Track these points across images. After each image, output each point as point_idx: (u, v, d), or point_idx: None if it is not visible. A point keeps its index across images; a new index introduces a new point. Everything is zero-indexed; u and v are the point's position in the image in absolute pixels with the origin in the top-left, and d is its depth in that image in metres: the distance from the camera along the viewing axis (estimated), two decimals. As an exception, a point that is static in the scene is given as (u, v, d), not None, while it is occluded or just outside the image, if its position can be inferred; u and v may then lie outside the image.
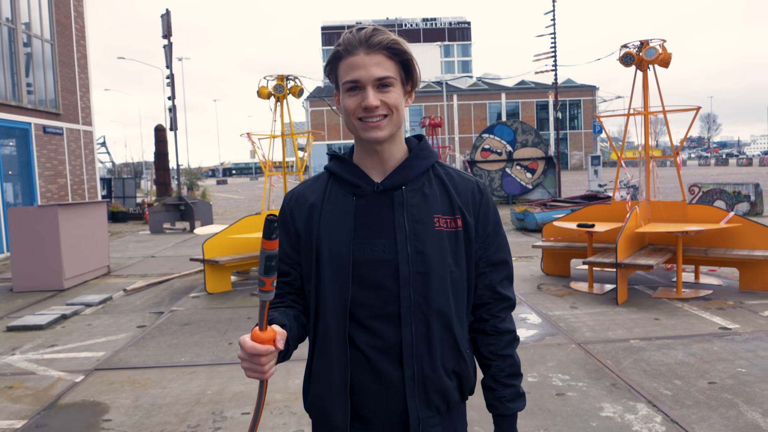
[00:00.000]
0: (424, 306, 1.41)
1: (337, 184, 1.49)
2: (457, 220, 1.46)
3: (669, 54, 7.23)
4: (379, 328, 1.41)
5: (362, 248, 1.41)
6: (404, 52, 1.41)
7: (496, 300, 1.54)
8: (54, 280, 8.69)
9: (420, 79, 1.48)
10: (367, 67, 1.37)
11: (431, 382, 1.43)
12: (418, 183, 1.46)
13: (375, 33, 1.39)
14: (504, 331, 1.54)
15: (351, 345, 1.42)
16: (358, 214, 1.43)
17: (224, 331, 6.18)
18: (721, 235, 7.31)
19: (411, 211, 1.42)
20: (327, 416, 1.46)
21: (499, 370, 1.53)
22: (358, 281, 1.41)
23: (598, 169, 22.80)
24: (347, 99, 1.41)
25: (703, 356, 4.87)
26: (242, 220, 8.63)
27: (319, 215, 1.46)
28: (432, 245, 1.42)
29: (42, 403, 4.44)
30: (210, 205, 18.09)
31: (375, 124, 1.39)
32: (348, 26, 9.61)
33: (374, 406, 1.44)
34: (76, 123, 16.00)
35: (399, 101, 1.42)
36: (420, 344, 1.41)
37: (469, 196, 1.49)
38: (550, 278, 8.33)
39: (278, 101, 8.89)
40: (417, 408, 1.42)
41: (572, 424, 3.71)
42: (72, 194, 15.51)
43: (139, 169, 48.81)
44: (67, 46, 15.70)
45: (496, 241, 1.54)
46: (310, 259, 1.46)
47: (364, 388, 1.43)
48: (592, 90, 61.64)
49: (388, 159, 1.46)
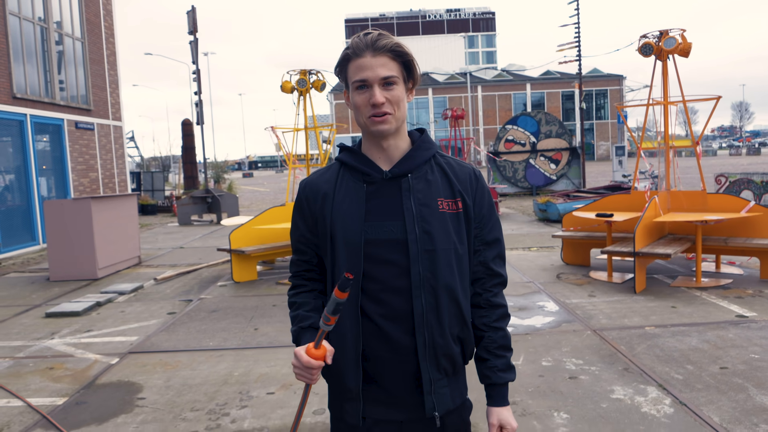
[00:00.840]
0: (432, 280, 1.58)
1: (348, 172, 1.67)
2: (458, 203, 1.64)
3: (689, 44, 7.22)
4: (390, 300, 1.58)
5: (374, 229, 1.59)
6: (406, 54, 1.60)
7: (489, 276, 1.71)
8: (88, 270, 9.05)
9: (419, 78, 1.65)
10: (373, 67, 1.55)
11: (440, 347, 1.60)
12: (422, 171, 1.64)
13: (380, 37, 1.57)
14: (496, 305, 1.70)
15: (363, 316, 1.60)
16: (369, 198, 1.61)
17: (250, 318, 6.42)
18: (742, 224, 7.31)
19: (417, 196, 1.60)
20: (342, 381, 1.64)
21: (491, 341, 1.69)
22: (370, 258, 1.58)
23: (623, 160, 22.59)
24: (357, 96, 1.59)
25: (717, 343, 4.94)
26: (267, 211, 8.87)
27: (332, 201, 1.64)
28: (437, 225, 1.59)
29: (81, 382, 4.72)
30: (236, 197, 18.45)
31: (381, 119, 1.57)
32: (372, 18, 9.95)
33: (385, 370, 1.61)
34: (107, 118, 16.46)
35: (402, 97, 1.60)
36: (429, 314, 1.58)
37: (467, 181, 1.67)
38: (570, 267, 8.41)
39: (301, 95, 9.09)
40: (429, 371, 1.59)
41: (583, 405, 3.84)
42: (103, 188, 15.98)
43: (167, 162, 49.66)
44: (97, 43, 16.14)
45: (490, 222, 1.70)
46: (326, 240, 1.65)
47: (376, 355, 1.60)
48: (619, 79, 60.73)
49: (394, 150, 1.64)
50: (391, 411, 1.64)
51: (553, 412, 3.77)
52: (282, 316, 6.42)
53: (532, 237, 11.52)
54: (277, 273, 9.01)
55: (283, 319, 6.30)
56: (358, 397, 1.63)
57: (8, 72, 12.32)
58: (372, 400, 1.64)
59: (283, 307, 6.81)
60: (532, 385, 4.21)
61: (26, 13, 13.21)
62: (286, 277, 8.59)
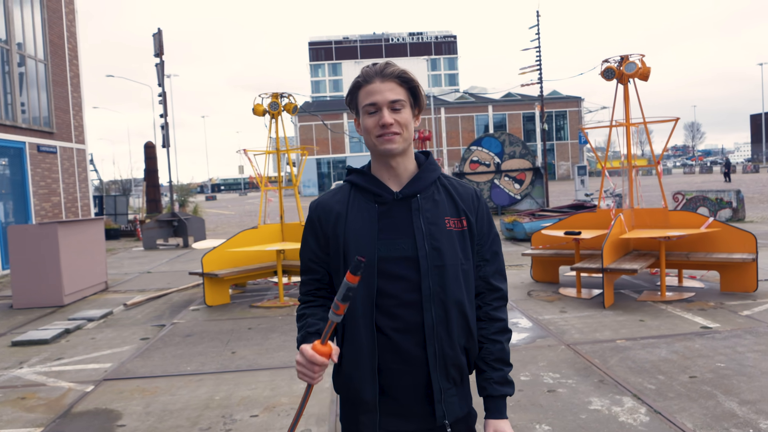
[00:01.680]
0: (442, 294, 1.67)
1: (359, 193, 1.75)
2: (463, 221, 1.74)
3: (648, 68, 7.58)
4: (403, 314, 1.66)
5: (386, 247, 1.67)
6: (412, 80, 1.72)
7: (489, 290, 1.80)
8: (54, 297, 8.83)
9: (425, 104, 1.76)
10: (382, 92, 1.67)
11: (450, 358, 1.68)
12: (429, 191, 1.74)
13: (387, 66, 1.70)
14: (495, 319, 1.79)
15: (377, 331, 1.67)
16: (381, 218, 1.70)
17: (227, 342, 6.37)
18: (702, 239, 7.63)
19: (426, 215, 1.70)
20: (358, 394, 1.70)
21: (489, 353, 1.77)
22: (383, 274, 1.66)
23: (585, 179, 23.23)
24: (367, 119, 1.70)
25: (685, 353, 5.14)
26: (239, 234, 8.84)
27: (344, 221, 1.72)
28: (445, 242, 1.69)
29: (56, 411, 4.61)
30: (203, 220, 18.25)
31: (390, 138, 1.68)
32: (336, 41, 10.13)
33: (398, 382, 1.68)
34: (69, 141, 16.15)
35: (409, 120, 1.71)
36: (439, 326, 1.66)
37: (469, 201, 1.77)
38: (540, 285, 8.60)
39: (273, 118, 9.15)
40: (439, 380, 1.67)
41: (563, 417, 3.96)
42: (66, 212, 15.62)
43: (127, 186, 48.63)
44: (60, 65, 15.90)
45: (490, 239, 1.81)
46: (338, 258, 1.72)
47: (389, 368, 1.67)
48: (578, 101, 62.55)
49: (402, 171, 1.74)
50: (403, 422, 1.70)
51: (534, 424, 3.87)
52: (259, 339, 6.40)
53: (501, 255, 11.71)
54: (249, 296, 8.95)
55: (261, 342, 6.27)
56: (374, 408, 1.69)
57: (-32, 95, 12.03)
58: (385, 412, 1.70)
59: (259, 330, 6.79)
60: (513, 400, 4.30)
61: (-13, 35, 12.96)
62: (260, 300, 8.55)
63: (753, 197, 23.00)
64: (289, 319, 7.31)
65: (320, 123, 59.43)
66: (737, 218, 15.21)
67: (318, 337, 1.65)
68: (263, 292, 9.25)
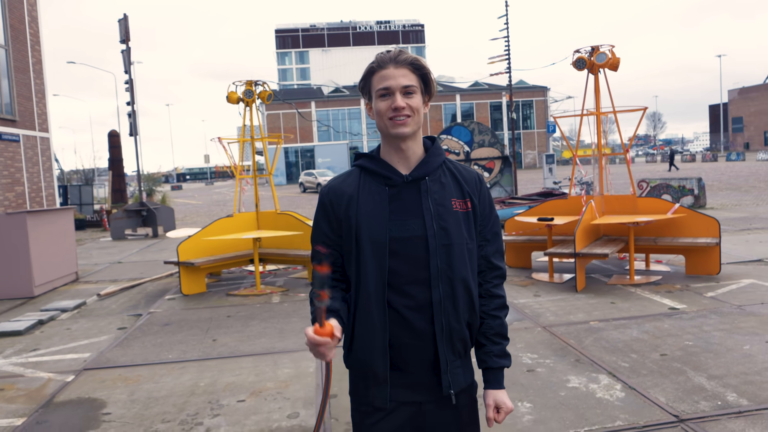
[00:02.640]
0: (449, 271, 1.76)
1: (369, 177, 1.83)
2: (467, 203, 1.84)
3: (618, 59, 7.79)
4: (413, 291, 1.75)
5: (397, 227, 1.75)
6: (423, 67, 1.79)
7: (489, 269, 1.90)
8: (24, 288, 8.66)
9: (436, 92, 1.84)
10: (396, 77, 1.75)
11: (456, 332, 1.78)
12: (437, 174, 1.83)
13: (401, 53, 1.77)
14: (495, 295, 1.90)
15: (389, 308, 1.76)
16: (392, 200, 1.78)
17: (206, 329, 6.37)
18: (669, 225, 7.91)
19: (434, 197, 1.78)
20: (371, 369, 1.78)
21: (489, 328, 1.87)
22: (394, 254, 1.75)
23: (553, 167, 23.64)
24: (380, 103, 1.77)
25: (655, 333, 5.37)
26: (215, 222, 8.79)
27: (356, 204, 1.79)
28: (452, 223, 1.78)
29: (37, 402, 4.57)
30: (172, 210, 18.00)
31: (402, 121, 1.75)
32: (303, 29, 10.15)
33: (408, 355, 1.77)
34: (33, 129, 15.71)
35: (420, 105, 1.79)
36: (446, 302, 1.76)
37: (473, 184, 1.87)
38: (514, 270, 8.80)
39: (247, 106, 9.09)
40: (445, 353, 1.77)
41: (543, 395, 4.11)
42: (30, 202, 15.23)
43: (90, 176, 47.43)
44: (22, 51, 15.42)
45: (491, 220, 1.91)
46: (351, 240, 1.79)
47: (400, 342, 1.76)
48: (544, 91, 63.36)
49: (411, 155, 1.82)
50: (411, 393, 1.80)
51: (517, 402, 4.02)
52: (239, 327, 6.42)
53: (473, 242, 11.91)
54: (226, 285, 8.93)
55: (241, 330, 6.29)
56: (386, 381, 1.77)
57: (-75, 81, 11.59)
58: (395, 385, 1.79)
59: (239, 318, 6.80)
60: (494, 380, 4.44)
61: (-56, 19, 12.49)
62: (236, 288, 8.54)
63: (712, 185, 23.79)
64: (267, 306, 7.33)
65: (288, 112, 58.90)
66: (699, 205, 15.74)
67: (328, 313, 1.73)
68: (239, 280, 9.23)
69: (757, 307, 6.05)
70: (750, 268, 7.91)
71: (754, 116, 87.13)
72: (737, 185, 23.60)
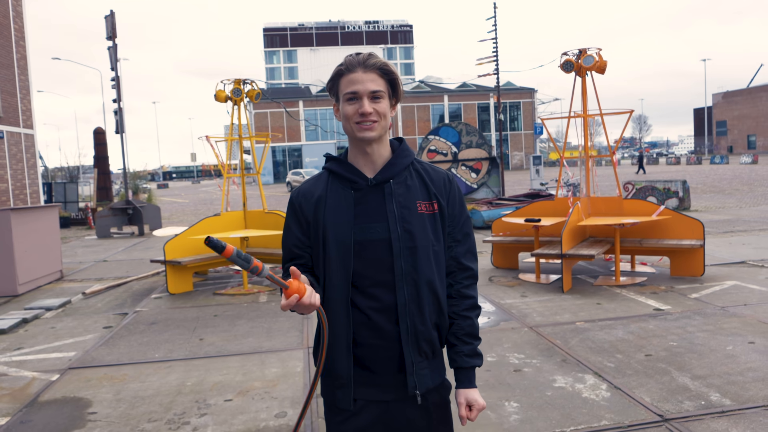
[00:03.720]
0: (414, 274, 1.78)
1: (336, 180, 1.85)
2: (434, 204, 1.85)
3: (605, 62, 7.86)
4: (378, 294, 1.78)
5: (362, 231, 1.78)
6: (392, 72, 1.81)
7: (460, 269, 1.90)
8: (7, 286, 8.55)
9: (402, 95, 1.87)
10: (364, 82, 1.76)
11: (421, 333, 1.80)
12: (402, 176, 1.84)
13: (370, 57, 1.79)
14: (466, 296, 1.90)
15: (354, 308, 1.78)
16: (357, 203, 1.80)
17: (193, 329, 6.34)
18: (654, 227, 8.00)
19: (398, 200, 1.80)
20: (334, 368, 1.81)
21: (459, 328, 1.88)
22: (359, 256, 1.77)
23: (540, 169, 23.78)
24: (347, 107, 1.78)
25: (640, 333, 5.43)
26: (202, 221, 8.75)
27: (324, 207, 1.81)
28: (417, 225, 1.80)
29: (21, 401, 4.53)
30: (158, 208, 17.87)
31: (369, 126, 1.77)
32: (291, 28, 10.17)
33: (374, 355, 1.80)
34: (17, 126, 15.54)
35: (387, 110, 1.81)
36: (411, 304, 1.78)
37: (441, 185, 1.87)
38: (501, 271, 8.85)
39: (235, 104, 9.06)
40: (411, 354, 1.79)
41: (530, 395, 4.15)
42: (14, 199, 15.06)
43: (75, 173, 46.93)
44: (6, 47, 15.24)
45: (461, 220, 1.91)
46: (318, 242, 1.81)
47: (366, 343, 1.78)
48: (531, 92, 63.71)
49: (377, 158, 1.83)
50: (379, 392, 1.82)
51: (504, 402, 4.05)
52: (226, 326, 6.39)
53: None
54: (212, 284, 8.88)
55: (228, 329, 6.27)
56: (349, 383, 1.80)
57: None
58: (362, 384, 1.81)
59: (225, 317, 6.77)
60: (482, 379, 4.47)
61: (-73, 12, 12.32)
62: (223, 287, 8.50)
63: (696, 188, 24.06)
64: (255, 306, 7.31)
65: (275, 111, 58.68)
66: (683, 207, 15.92)
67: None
68: (225, 280, 9.19)
69: (740, 308, 6.14)
70: (733, 270, 8.02)
71: (737, 120, 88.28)
72: (721, 188, 23.90)
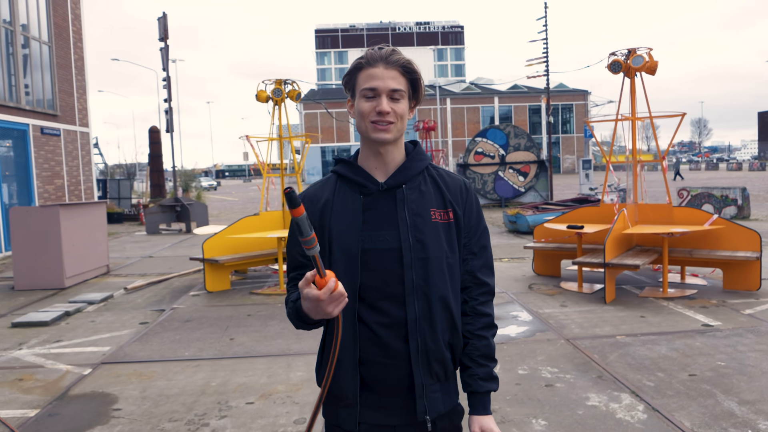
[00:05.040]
0: (425, 287, 1.63)
1: (345, 184, 1.71)
2: (449, 213, 1.70)
3: (655, 62, 7.49)
4: (386, 308, 1.62)
5: (370, 239, 1.63)
6: (415, 72, 1.66)
7: (476, 284, 1.75)
8: (55, 279, 8.84)
9: (423, 97, 1.72)
10: (384, 78, 1.61)
11: (433, 353, 1.64)
12: (416, 182, 1.69)
13: (393, 53, 1.64)
14: (482, 314, 1.75)
15: (360, 323, 1.63)
16: (366, 209, 1.65)
17: (225, 328, 6.36)
18: (706, 236, 7.57)
19: (411, 206, 1.65)
20: (339, 387, 1.66)
21: (474, 349, 1.73)
22: (367, 267, 1.62)
23: (590, 173, 23.09)
24: (363, 103, 1.64)
25: (685, 351, 5.11)
26: (241, 220, 8.81)
27: (330, 212, 1.68)
28: (430, 234, 1.65)
29: (53, 393, 4.61)
30: (205, 206, 18.24)
31: (384, 127, 1.62)
32: (342, 29, 10.09)
33: (381, 375, 1.64)
34: (73, 124, 16.12)
35: (405, 111, 1.66)
36: (422, 320, 1.63)
37: (457, 192, 1.73)
38: (541, 278, 8.57)
39: (276, 105, 9.09)
40: (421, 375, 1.63)
41: (559, 412, 3.93)
42: (69, 195, 15.62)
43: (132, 170, 48.60)
44: (65, 48, 15.83)
45: (478, 231, 1.76)
46: (323, 249, 1.67)
47: (372, 361, 1.63)
48: (584, 94, 62.15)
49: (390, 161, 1.69)
50: (385, 416, 1.67)
51: (531, 419, 3.85)
52: (258, 326, 6.39)
53: (502, 248, 11.69)
54: (250, 283, 8.94)
55: (259, 329, 6.26)
56: (355, 402, 1.65)
57: (-28, 75, 11.99)
58: (367, 406, 1.66)
59: (258, 317, 6.77)
60: (510, 393, 4.28)
61: (-8, 15, 12.91)
62: (260, 287, 8.54)
63: (758, 195, 22.86)
64: (289, 306, 7.29)
65: (325, 111, 59.21)
66: (742, 216, 15.11)
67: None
68: (264, 279, 9.24)
69: (798, 327, 5.71)
70: (793, 285, 7.50)
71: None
72: (785, 196, 22.63)
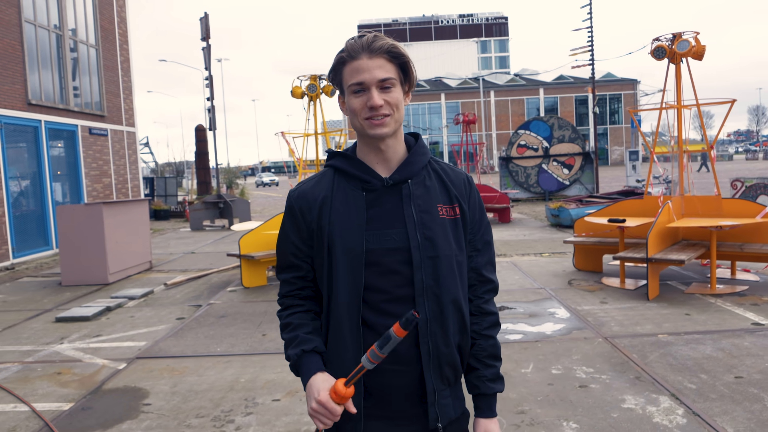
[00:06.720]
0: (436, 288, 1.53)
1: (344, 179, 1.59)
2: (456, 209, 1.60)
3: (703, 46, 7.12)
4: (394, 311, 1.51)
5: (375, 238, 1.53)
6: (402, 55, 1.54)
7: (480, 282, 1.66)
8: (99, 275, 9.10)
9: (416, 80, 1.60)
10: (370, 70, 1.50)
11: (444, 356, 1.55)
12: (420, 176, 1.59)
13: (376, 39, 1.52)
14: (487, 312, 1.65)
15: (365, 328, 1.53)
16: (369, 207, 1.55)
17: (258, 324, 6.40)
18: (759, 229, 7.17)
19: (417, 202, 1.55)
20: None
21: (481, 349, 1.63)
22: (372, 268, 1.52)
23: (636, 164, 22.35)
24: (353, 100, 1.53)
25: (732, 351, 4.83)
26: (277, 216, 8.86)
27: (329, 210, 1.56)
28: (439, 232, 1.55)
29: (87, 388, 4.72)
30: (248, 202, 18.51)
31: (380, 121, 1.52)
32: (384, 24, 9.98)
33: (388, 382, 1.54)
34: (120, 124, 16.59)
35: (400, 100, 1.55)
36: (433, 323, 1.53)
37: (462, 187, 1.63)
38: (582, 273, 8.30)
39: (311, 100, 9.09)
40: (432, 381, 1.54)
41: (593, 415, 3.76)
42: (116, 193, 16.10)
43: (180, 168, 49.96)
44: (111, 50, 16.29)
45: (482, 227, 1.66)
46: (322, 251, 1.57)
47: (378, 368, 1.49)
48: (633, 84, 60.30)
49: (392, 155, 1.58)
50: (390, 426, 1.57)
51: (562, 421, 3.70)
52: (290, 322, 6.39)
53: (543, 242, 11.41)
54: (287, 278, 8.98)
55: (291, 325, 6.26)
56: (359, 414, 1.55)
57: (23, 78, 12.46)
58: (372, 416, 1.57)
59: (292, 313, 6.78)
60: (541, 394, 4.13)
61: (42, 20, 13.37)
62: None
63: (821, 185, 21.64)
64: (323, 302, 7.29)
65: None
66: (801, 207, 14.32)
67: (316, 358, 1.56)
68: (300, 275, 9.26)
69: None
70: None
71: None
72: None
